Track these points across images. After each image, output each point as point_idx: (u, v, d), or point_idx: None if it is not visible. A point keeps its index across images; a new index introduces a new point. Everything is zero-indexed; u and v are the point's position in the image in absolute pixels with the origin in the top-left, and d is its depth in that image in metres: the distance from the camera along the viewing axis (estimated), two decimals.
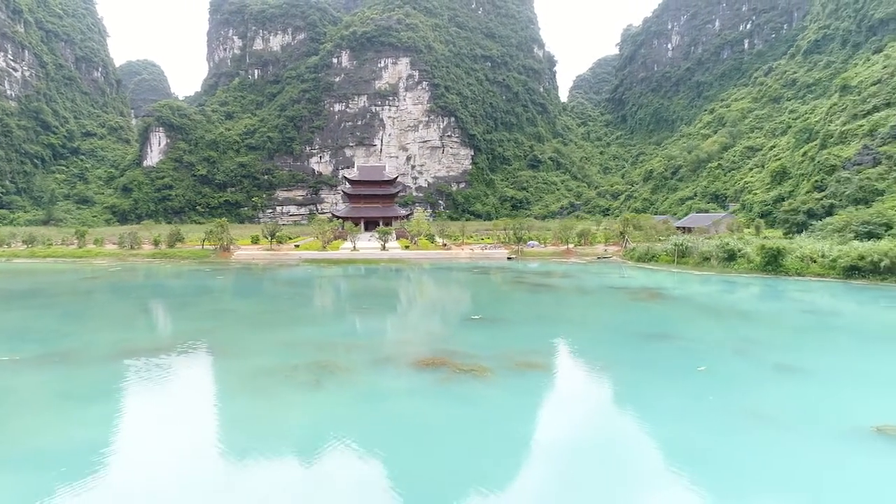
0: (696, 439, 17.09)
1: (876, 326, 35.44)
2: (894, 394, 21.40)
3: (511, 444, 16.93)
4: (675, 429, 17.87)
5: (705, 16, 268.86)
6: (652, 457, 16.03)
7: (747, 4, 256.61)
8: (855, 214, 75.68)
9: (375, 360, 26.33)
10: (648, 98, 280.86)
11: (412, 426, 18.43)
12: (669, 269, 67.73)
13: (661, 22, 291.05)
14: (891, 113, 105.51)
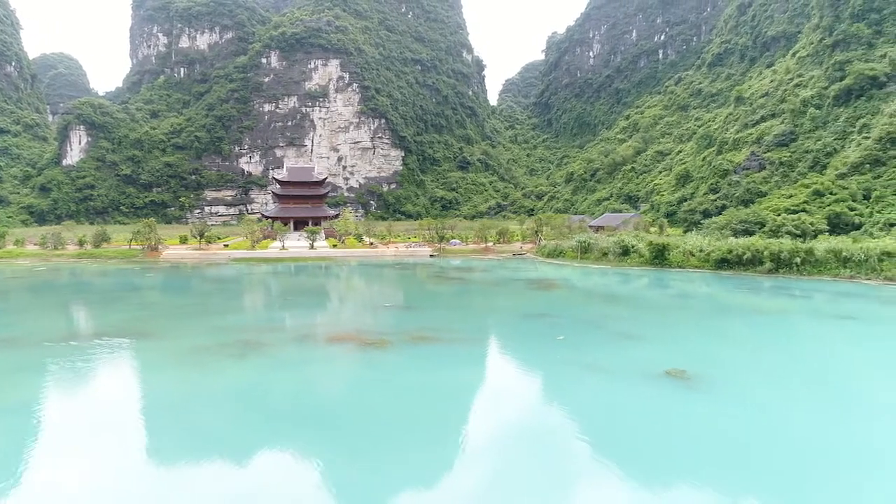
0: (542, 382, 22.79)
1: (715, 305, 42.91)
2: (690, 350, 28.01)
3: (399, 390, 22.10)
4: (527, 376, 23.52)
5: (623, 26, 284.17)
6: (506, 394, 21.60)
7: (661, 17, 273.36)
8: (735, 214, 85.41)
9: (294, 338, 30.99)
10: (572, 103, 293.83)
11: (320, 383, 23.33)
12: (573, 264, 74.81)
13: (583, 31, 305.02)
14: (775, 123, 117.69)
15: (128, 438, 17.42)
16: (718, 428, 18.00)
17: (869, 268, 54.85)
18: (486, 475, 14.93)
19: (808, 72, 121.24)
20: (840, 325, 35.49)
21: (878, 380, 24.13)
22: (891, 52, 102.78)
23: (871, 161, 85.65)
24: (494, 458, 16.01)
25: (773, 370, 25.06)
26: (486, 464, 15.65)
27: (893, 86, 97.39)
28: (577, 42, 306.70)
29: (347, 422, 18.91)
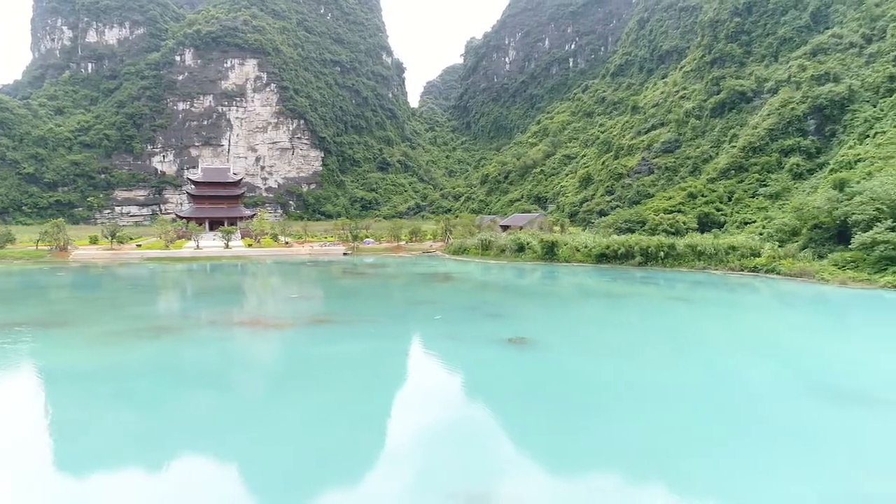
0: (413, 348, 28.29)
1: (581, 291, 50.12)
2: (538, 324, 34.44)
3: (293, 358, 27.00)
4: (402, 345, 28.93)
5: (537, 34, 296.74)
6: (382, 357, 26.93)
7: (572, 27, 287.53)
8: (621, 214, 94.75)
9: (204, 323, 35.15)
10: (489, 107, 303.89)
11: (225, 354, 27.86)
12: (475, 260, 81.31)
13: (499, 37, 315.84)
14: (663, 131, 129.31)
15: (52, 397, 21.48)
16: (532, 372, 24.08)
17: (717, 260, 64.15)
18: (367, 410, 20.18)
19: (692, 85, 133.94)
20: (669, 304, 43.23)
21: (665, 343, 31.22)
22: (757, 70, 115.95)
23: (736, 167, 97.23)
24: (371, 399, 21.28)
25: (593, 337, 31.78)
26: (365, 404, 20.89)
27: (758, 100, 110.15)
28: (494, 48, 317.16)
29: (246, 381, 23.66)
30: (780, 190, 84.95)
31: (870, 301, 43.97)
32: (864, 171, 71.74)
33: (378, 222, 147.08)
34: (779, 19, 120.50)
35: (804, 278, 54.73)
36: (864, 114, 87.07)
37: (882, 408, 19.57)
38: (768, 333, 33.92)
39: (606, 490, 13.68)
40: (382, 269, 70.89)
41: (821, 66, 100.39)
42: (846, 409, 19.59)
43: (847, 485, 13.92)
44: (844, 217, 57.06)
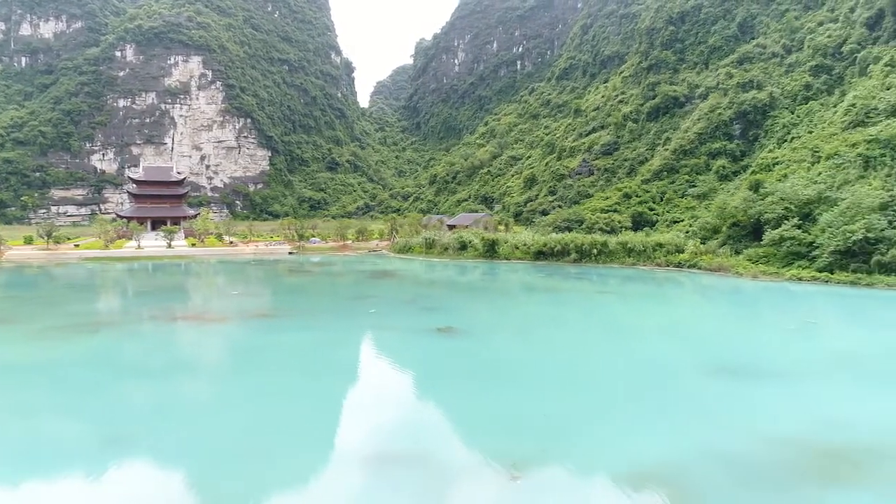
0: (347, 337, 29.95)
1: (514, 286, 52.71)
2: (467, 315, 36.69)
3: (233, 348, 28.33)
4: (337, 334, 30.53)
5: (485, 37, 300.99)
6: (318, 345, 28.51)
7: (519, 30, 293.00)
8: (560, 213, 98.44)
9: (144, 318, 35.97)
10: (439, 108, 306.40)
11: (164, 345, 28.96)
12: (419, 258, 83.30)
13: (448, 38, 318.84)
14: (603, 134, 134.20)
15: None
16: (455, 355, 26.20)
17: (646, 256, 67.99)
18: (300, 390, 21.76)
19: (630, 90, 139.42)
20: (596, 297, 46.27)
21: (586, 330, 33.94)
22: (689, 76, 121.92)
23: (668, 169, 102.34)
24: (302, 380, 22.85)
25: (518, 325, 34.23)
26: (299, 385, 22.44)
27: (690, 105, 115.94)
28: (444, 49, 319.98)
29: (185, 370, 24.93)
30: (707, 191, 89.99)
31: (775, 292, 48.02)
32: (780, 173, 77.07)
33: (326, 222, 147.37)
34: (709, 29, 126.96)
35: (722, 272, 58.86)
36: (783, 120, 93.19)
37: (766, 379, 22.50)
38: (680, 321, 37.08)
39: (523, 447, 15.74)
40: (327, 268, 72.04)
41: (746, 73, 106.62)
42: (735, 380, 22.35)
43: (722, 438, 16.44)
44: (758, 216, 61.58)
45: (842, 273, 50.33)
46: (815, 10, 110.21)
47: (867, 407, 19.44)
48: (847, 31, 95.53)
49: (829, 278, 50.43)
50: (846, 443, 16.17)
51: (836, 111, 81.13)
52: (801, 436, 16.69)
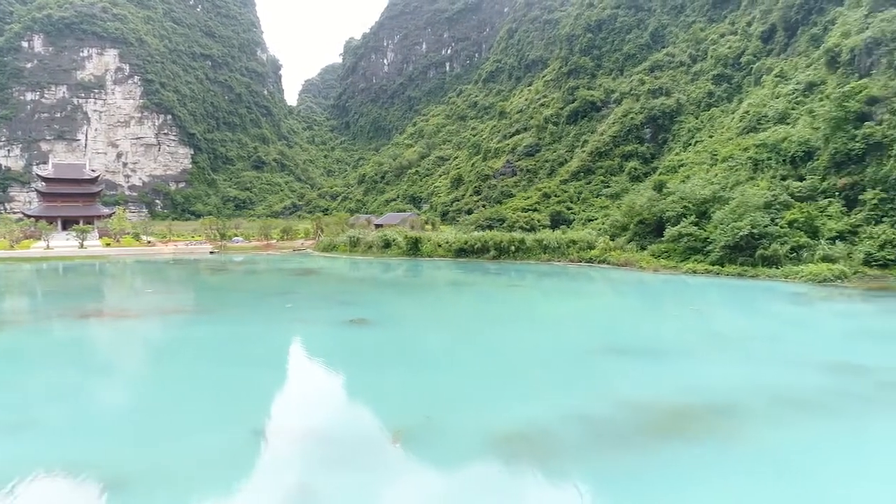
0: (261, 330, 30.65)
1: (429, 281, 54.50)
2: (380, 308, 38.10)
3: (143, 342, 28.55)
4: (250, 327, 31.16)
5: (414, 38, 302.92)
6: (230, 340, 29.11)
7: (448, 33, 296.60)
8: (483, 212, 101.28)
9: (51, 316, 35.35)
10: (368, 107, 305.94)
11: (71, 341, 28.84)
12: (343, 257, 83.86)
13: (378, 38, 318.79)
14: (526, 136, 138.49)
15: None
16: (362, 343, 27.54)
17: (560, 252, 71.34)
18: (209, 379, 22.45)
19: (551, 94, 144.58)
20: (508, 290, 48.66)
21: (492, 319, 36.03)
22: (605, 82, 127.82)
23: (585, 170, 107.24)
24: (211, 369, 23.55)
25: (429, 317, 35.92)
26: (208, 374, 23.13)
27: (606, 110, 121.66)
28: (373, 49, 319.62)
29: (90, 363, 25.13)
30: (619, 191, 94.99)
31: (672, 284, 51.87)
32: (684, 174, 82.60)
33: (252, 221, 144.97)
34: (624, 37, 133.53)
35: (628, 267, 62.74)
36: (688, 125, 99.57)
37: (642, 357, 24.98)
38: (581, 310, 39.79)
39: (412, 418, 17.23)
40: (249, 266, 71.61)
41: (656, 80, 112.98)
42: (616, 358, 24.71)
43: (590, 404, 18.49)
44: (661, 214, 65.98)
45: (731, 266, 54.87)
46: (718, 22, 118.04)
47: (723, 377, 22.14)
48: (745, 43, 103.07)
49: (720, 271, 54.89)
50: (696, 405, 18.61)
51: (734, 118, 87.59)
52: (660, 401, 19.03)
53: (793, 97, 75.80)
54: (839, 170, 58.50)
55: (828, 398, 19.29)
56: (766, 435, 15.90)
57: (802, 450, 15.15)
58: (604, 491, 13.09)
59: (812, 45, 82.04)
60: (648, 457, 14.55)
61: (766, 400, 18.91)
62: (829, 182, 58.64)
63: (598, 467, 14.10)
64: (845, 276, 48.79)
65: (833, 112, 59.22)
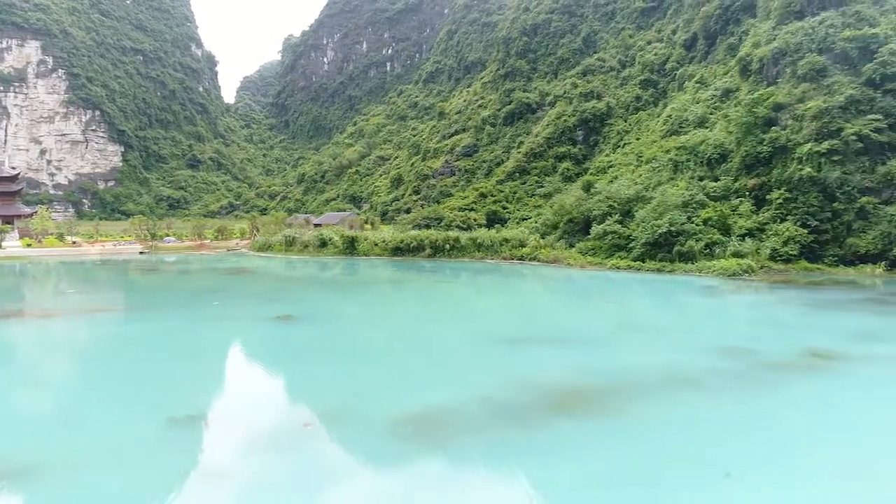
0: (189, 326, 30.66)
1: (362, 279, 55.25)
2: (308, 305, 38.61)
3: (62, 339, 28.15)
4: (177, 323, 31.11)
5: (355, 37, 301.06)
6: (153, 336, 29.03)
7: (389, 32, 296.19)
8: (421, 212, 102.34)
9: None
10: (308, 106, 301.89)
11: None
12: (279, 256, 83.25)
13: (317, 36, 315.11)
14: (464, 136, 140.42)
15: None
16: (289, 339, 28.08)
17: (494, 251, 73.22)
18: (131, 375, 22.51)
19: (489, 95, 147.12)
20: (435, 286, 49.98)
21: (414, 314, 37.12)
22: (540, 85, 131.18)
23: (520, 171, 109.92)
24: (133, 366, 23.61)
25: (355, 312, 36.68)
26: (137, 364, 23.18)
27: (541, 112, 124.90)
28: (312, 47, 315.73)
29: (14, 360, 24.76)
30: (552, 191, 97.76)
31: (597, 279, 54.32)
32: (612, 175, 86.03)
33: (186, 221, 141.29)
34: (558, 41, 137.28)
35: (557, 263, 65.08)
36: (617, 127, 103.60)
37: (551, 344, 26.56)
38: (505, 304, 41.32)
39: (327, 405, 18.05)
40: (180, 266, 70.32)
41: (588, 84, 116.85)
42: (527, 347, 26.14)
43: (493, 387, 19.70)
44: (588, 213, 68.76)
45: (651, 262, 57.86)
46: (646, 30, 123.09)
47: (623, 361, 23.90)
48: (670, 50, 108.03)
49: (641, 266, 57.80)
50: (593, 386, 20.17)
51: (658, 121, 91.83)
52: (562, 382, 20.52)
53: (711, 103, 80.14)
54: (749, 171, 62.53)
55: (712, 378, 21.24)
56: (650, 410, 17.55)
57: (679, 422, 16.83)
58: (494, 460, 14.29)
59: (729, 54, 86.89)
60: (541, 431, 15.89)
61: (657, 380, 20.68)
62: (741, 183, 62.61)
63: (492, 440, 15.31)
64: (752, 271, 52.35)
65: (744, 117, 63.25)
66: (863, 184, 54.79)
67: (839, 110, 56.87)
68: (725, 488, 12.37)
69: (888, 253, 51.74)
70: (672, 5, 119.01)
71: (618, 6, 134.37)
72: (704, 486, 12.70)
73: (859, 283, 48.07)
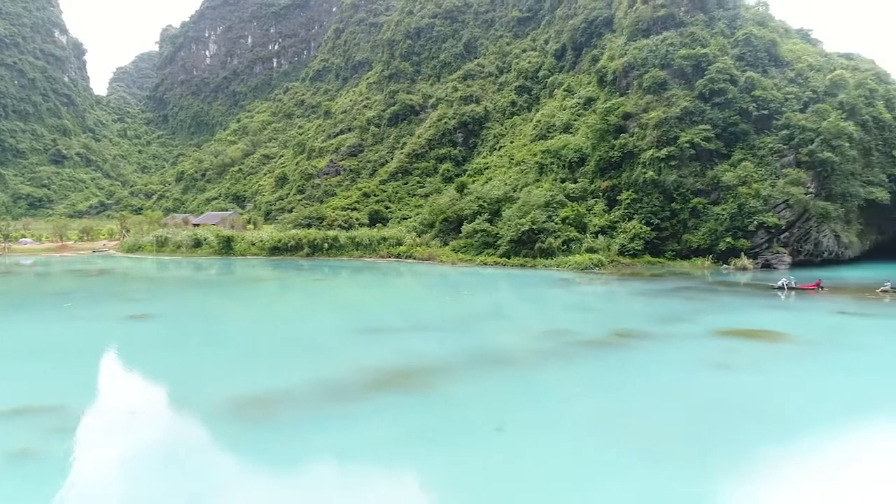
0: (38, 325, 29.76)
1: (231, 278, 55.14)
2: (163, 305, 38.52)
3: None
4: (28, 324, 30.11)
5: (239, 30, 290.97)
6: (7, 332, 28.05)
7: (275, 28, 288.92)
8: (302, 211, 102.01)
9: None
10: (189, 101, 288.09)
11: None
12: (149, 257, 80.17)
13: (198, 28, 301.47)
14: (349, 136, 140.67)
15: None
16: (145, 335, 28.28)
17: (372, 249, 74.90)
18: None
19: (374, 96, 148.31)
20: (306, 284, 50.94)
21: (275, 309, 38.10)
22: (423, 87, 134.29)
23: (403, 171, 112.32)
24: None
25: (216, 310, 37.10)
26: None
27: (424, 114, 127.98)
28: (193, 39, 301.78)
29: None
30: (432, 191, 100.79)
31: (466, 275, 57.29)
32: (488, 176, 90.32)
33: (48, 221, 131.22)
34: (441, 46, 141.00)
35: (431, 261, 67.83)
36: (494, 131, 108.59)
37: (398, 333, 28.70)
38: (369, 298, 43.19)
39: (171, 393, 18.92)
40: (38, 269, 66.20)
41: (468, 88, 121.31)
42: (375, 335, 28.12)
43: (329, 370, 21.34)
44: (460, 212, 72.13)
45: (516, 258, 61.96)
46: (522, 38, 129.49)
47: (452, 345, 26.33)
48: (542, 59, 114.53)
49: (507, 262, 61.75)
50: (417, 367, 22.41)
51: (530, 126, 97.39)
52: (391, 365, 22.58)
53: (575, 110, 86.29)
54: (603, 174, 68.42)
55: (525, 356, 24.26)
56: (457, 384, 20.11)
57: (477, 392, 19.43)
58: (310, 428, 16.01)
59: (592, 65, 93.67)
60: (359, 403, 17.89)
61: (477, 360, 23.36)
62: (596, 184, 68.37)
63: (314, 414, 17.06)
64: (602, 265, 57.64)
65: (598, 125, 69.10)
66: (695, 186, 61.79)
67: (676, 120, 63.74)
68: (492, 438, 14.91)
69: (715, 247, 58.77)
70: (545, 16, 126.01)
71: (496, 14, 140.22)
72: (477, 438, 15.19)
73: (692, 274, 54.38)
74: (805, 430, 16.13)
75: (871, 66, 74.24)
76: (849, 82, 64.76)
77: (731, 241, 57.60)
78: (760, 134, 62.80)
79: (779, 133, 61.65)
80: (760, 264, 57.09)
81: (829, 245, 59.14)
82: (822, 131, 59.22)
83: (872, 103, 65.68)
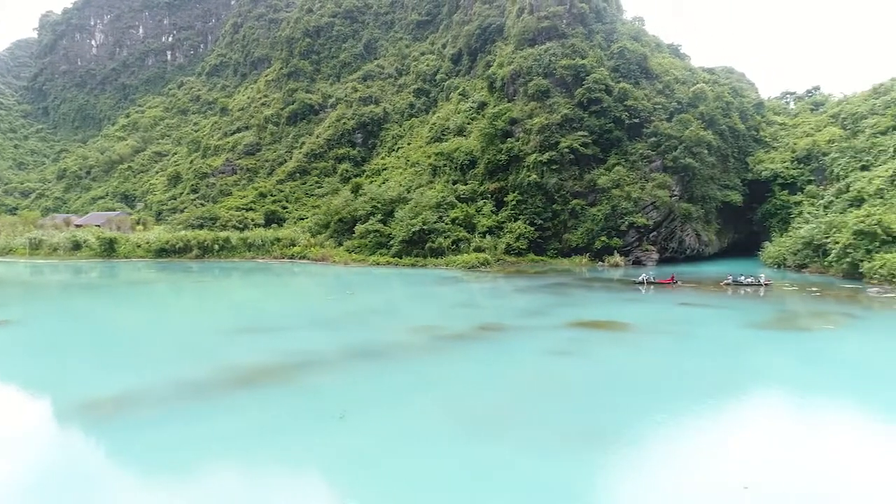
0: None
1: (105, 281, 53.30)
2: (30, 308, 37.05)
3: None
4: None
5: (129, 20, 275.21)
6: None
7: (168, 19, 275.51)
8: (194, 211, 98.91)
9: None
10: (73, 93, 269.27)
11: None
12: (23, 260, 75.36)
13: (83, 16, 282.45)
14: (247, 134, 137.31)
15: None
16: (2, 342, 27.35)
17: (265, 250, 74.24)
18: None
19: (272, 94, 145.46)
20: (189, 286, 50.08)
21: (152, 311, 37.60)
22: (323, 87, 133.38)
23: (301, 171, 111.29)
24: None
25: (83, 314, 36.10)
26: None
27: (323, 113, 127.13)
28: (77, 27, 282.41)
29: None
30: (331, 191, 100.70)
31: (357, 274, 58.21)
32: (385, 177, 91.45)
33: None
34: (341, 45, 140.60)
35: (325, 261, 68.27)
36: (393, 132, 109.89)
37: (273, 332, 29.16)
38: (252, 299, 43.30)
39: (25, 392, 18.68)
40: None
41: (367, 89, 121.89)
42: (253, 335, 28.50)
43: (192, 370, 21.71)
44: (355, 213, 72.94)
45: (407, 258, 63.66)
46: (421, 41, 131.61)
47: (317, 343, 27.20)
48: (440, 62, 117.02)
49: (399, 262, 63.33)
50: (279, 364, 23.04)
51: (427, 128, 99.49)
52: (253, 363, 23.16)
53: (469, 114, 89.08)
54: (492, 177, 71.46)
55: (390, 350, 25.71)
56: (317, 378, 21.23)
57: (332, 384, 20.60)
58: (164, 425, 16.48)
59: (485, 70, 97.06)
60: (217, 400, 18.60)
61: (343, 355, 24.56)
62: (485, 186, 71.28)
63: (169, 411, 17.58)
64: (489, 263, 60.45)
65: (487, 129, 72.02)
66: (574, 189, 65.94)
67: (557, 126, 67.68)
68: (332, 425, 16.21)
69: (592, 246, 63.09)
70: (444, 21, 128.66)
71: (396, 16, 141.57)
72: (320, 426, 16.43)
73: (572, 270, 58.12)
74: (609, 407, 18.53)
75: (728, 81, 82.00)
76: (708, 95, 71.35)
77: (606, 240, 62.09)
78: (632, 141, 67.95)
79: (648, 140, 67.02)
80: (632, 261, 61.93)
81: (691, 243, 65.01)
82: (685, 139, 65.01)
83: (729, 114, 72.72)
